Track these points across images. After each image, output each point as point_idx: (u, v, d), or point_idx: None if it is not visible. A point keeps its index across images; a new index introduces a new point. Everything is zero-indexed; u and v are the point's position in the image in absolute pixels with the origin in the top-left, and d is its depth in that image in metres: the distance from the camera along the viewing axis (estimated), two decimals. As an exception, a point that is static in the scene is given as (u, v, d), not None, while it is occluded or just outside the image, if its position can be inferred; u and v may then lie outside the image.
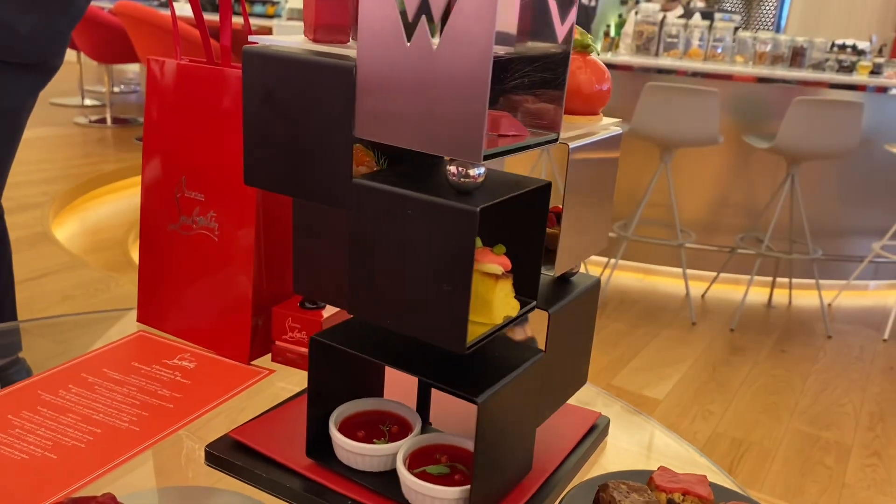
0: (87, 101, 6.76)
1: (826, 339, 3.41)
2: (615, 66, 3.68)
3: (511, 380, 0.64)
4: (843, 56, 3.79)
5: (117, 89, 7.56)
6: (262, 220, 0.86)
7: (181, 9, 4.93)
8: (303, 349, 0.85)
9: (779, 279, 3.81)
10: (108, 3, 5.82)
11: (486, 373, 0.64)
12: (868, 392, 2.95)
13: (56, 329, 1.10)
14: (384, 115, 0.58)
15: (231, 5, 0.89)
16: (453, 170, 0.57)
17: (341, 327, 0.70)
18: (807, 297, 3.82)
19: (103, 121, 6.05)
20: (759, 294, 3.80)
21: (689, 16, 4.56)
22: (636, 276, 3.98)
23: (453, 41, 0.53)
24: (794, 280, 3.82)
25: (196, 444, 0.76)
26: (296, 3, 5.26)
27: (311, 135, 0.63)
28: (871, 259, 3.74)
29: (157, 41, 4.88)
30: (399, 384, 0.78)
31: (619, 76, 3.72)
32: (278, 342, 0.87)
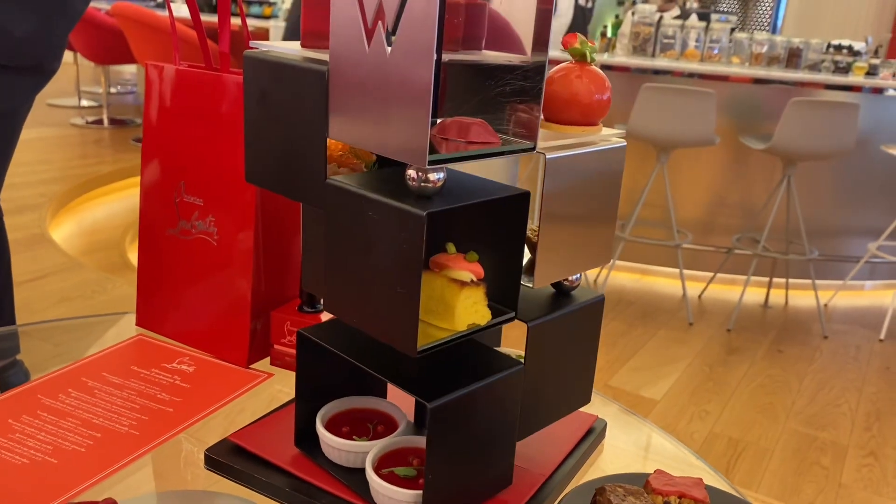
0: (84, 102, 6.75)
1: (822, 339, 3.42)
2: (612, 67, 3.69)
3: (475, 389, 0.63)
4: (839, 57, 3.80)
5: (114, 90, 7.55)
6: (260, 224, 0.87)
7: (179, 10, 4.93)
8: (301, 353, 0.85)
9: (775, 279, 3.83)
10: (105, 5, 5.81)
11: (453, 379, 0.63)
12: (864, 392, 2.96)
13: (54, 331, 1.10)
14: (351, 117, 0.61)
15: (229, 10, 0.89)
16: (412, 174, 0.58)
17: (331, 324, 0.71)
18: (803, 297, 3.83)
19: (100, 122, 6.05)
20: (755, 294, 3.81)
21: (685, 17, 4.57)
22: (633, 276, 3.98)
23: (401, 47, 0.55)
24: (791, 280, 3.83)
25: (195, 447, 0.76)
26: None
27: (295, 135, 0.67)
28: (868, 259, 3.75)
29: (154, 42, 4.88)
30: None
31: (615, 77, 3.73)
32: (277, 346, 0.87)
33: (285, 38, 4.91)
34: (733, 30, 4.07)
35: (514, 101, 0.63)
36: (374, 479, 0.65)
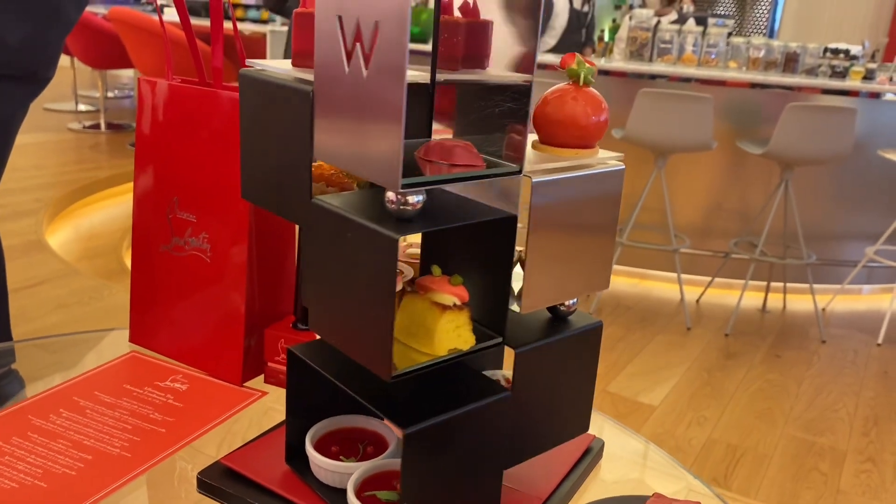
0: (81, 107, 6.74)
1: (820, 343, 3.42)
2: (609, 72, 3.69)
3: (455, 415, 0.61)
4: (836, 61, 3.80)
5: (111, 94, 7.55)
6: (254, 240, 0.86)
7: (174, 15, 4.93)
8: (295, 370, 0.85)
9: (773, 284, 3.82)
10: (102, 9, 5.81)
11: (433, 404, 0.62)
12: (862, 397, 2.96)
13: (50, 341, 1.09)
14: (333, 138, 0.61)
15: (222, 25, 0.89)
16: (390, 197, 0.58)
17: (321, 343, 0.70)
18: (801, 301, 3.83)
19: (97, 126, 6.04)
20: (753, 299, 3.81)
21: (682, 21, 4.57)
22: (631, 280, 3.98)
23: (376, 68, 0.55)
24: (789, 285, 3.83)
25: (189, 465, 0.75)
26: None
27: (283, 153, 0.67)
28: (865, 264, 3.75)
29: (150, 47, 4.87)
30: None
31: (613, 82, 3.73)
32: (271, 363, 0.86)
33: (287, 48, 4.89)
34: (730, 34, 4.07)
35: (502, 123, 0.62)
36: (351, 501, 0.64)
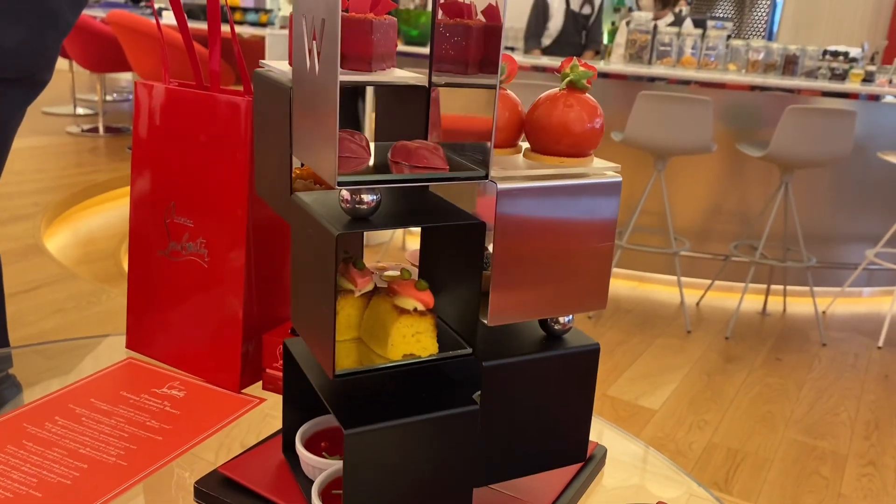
0: (80, 110, 6.74)
1: (821, 346, 3.41)
2: (608, 75, 3.69)
3: (406, 423, 0.60)
4: (835, 64, 3.80)
5: (110, 98, 7.54)
6: (252, 246, 0.85)
7: (172, 18, 4.93)
8: (294, 377, 0.84)
9: (773, 287, 3.81)
10: (100, 13, 5.80)
11: (387, 408, 0.61)
12: (863, 400, 2.95)
13: (46, 346, 1.09)
14: (302, 134, 0.62)
15: (219, 29, 0.88)
16: (345, 195, 0.58)
17: None
18: (801, 304, 3.82)
19: (96, 130, 6.03)
20: (753, 302, 3.80)
21: (679, 23, 4.56)
22: (631, 284, 3.97)
23: (321, 64, 0.55)
24: (789, 287, 3.82)
25: (186, 473, 0.74)
26: (289, 11, 5.25)
27: (274, 149, 0.69)
28: (865, 266, 3.74)
29: (149, 51, 4.86)
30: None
31: (612, 85, 3.73)
32: (269, 370, 0.86)
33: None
34: (730, 37, 4.06)
35: (470, 126, 0.62)
36: (314, 501, 0.64)
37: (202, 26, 4.45)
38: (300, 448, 0.68)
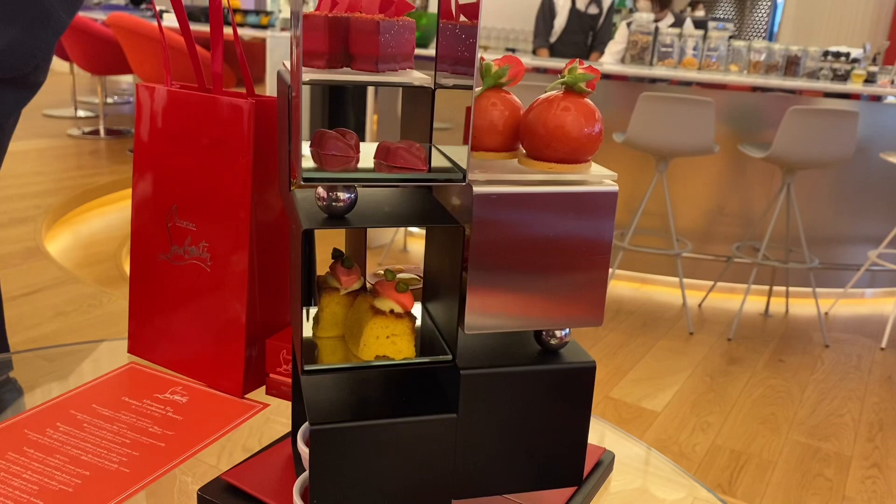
0: (81, 113, 6.73)
1: (824, 348, 3.40)
2: (609, 76, 3.68)
3: (373, 424, 0.59)
4: (837, 64, 3.79)
5: (111, 100, 7.53)
6: (255, 249, 0.84)
7: (174, 20, 4.92)
8: (297, 382, 0.83)
9: (775, 288, 3.81)
10: (101, 15, 5.80)
11: (360, 407, 0.60)
12: (867, 402, 2.94)
13: (47, 351, 1.08)
14: (292, 133, 0.64)
15: (222, 30, 0.87)
16: (320, 193, 0.58)
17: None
18: (804, 305, 3.81)
19: (97, 132, 6.02)
20: (755, 303, 3.79)
21: (679, 24, 4.55)
22: (633, 285, 3.96)
23: (294, 61, 0.57)
24: (791, 289, 3.81)
25: (189, 478, 0.74)
26: (289, 13, 5.22)
27: (282, 147, 0.70)
28: (868, 267, 3.73)
29: (149, 53, 4.86)
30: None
31: (613, 86, 3.72)
32: (272, 375, 0.85)
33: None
34: (731, 37, 4.06)
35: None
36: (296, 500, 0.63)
37: (203, 28, 4.45)
38: (301, 445, 0.67)
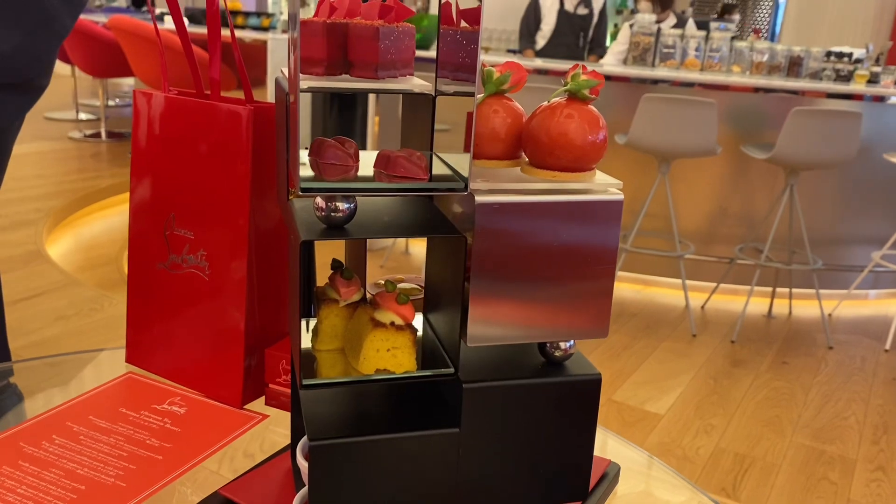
0: (82, 116, 6.73)
1: (827, 349, 3.39)
2: (611, 77, 3.67)
3: (373, 440, 0.58)
4: (840, 65, 3.77)
5: (112, 103, 7.53)
6: (254, 258, 0.83)
7: (169, 21, 4.92)
8: (297, 392, 0.82)
9: (778, 289, 3.79)
10: (102, 18, 5.80)
11: (360, 422, 0.59)
12: (871, 404, 2.92)
13: (48, 350, 1.07)
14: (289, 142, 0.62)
15: (220, 35, 0.86)
16: (319, 203, 0.57)
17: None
18: (807, 307, 3.79)
19: (98, 135, 6.02)
20: (759, 305, 3.77)
21: (681, 24, 4.54)
22: (635, 287, 3.95)
23: (292, 68, 0.56)
24: (794, 290, 3.80)
25: (189, 489, 0.73)
26: (290, 15, 5.21)
27: (280, 155, 0.69)
28: (871, 268, 3.71)
29: (151, 56, 4.85)
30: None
31: (615, 87, 3.71)
32: (272, 385, 0.84)
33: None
34: (734, 38, 4.04)
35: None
36: None
37: (204, 31, 4.44)
38: (300, 459, 0.66)
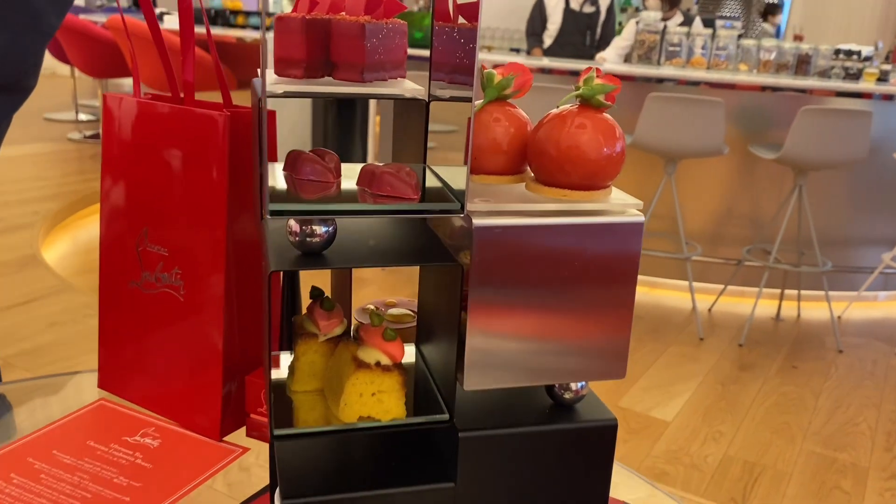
0: (82, 116, 6.67)
1: (837, 353, 3.32)
2: (616, 76, 3.60)
3: (356, 497, 0.51)
4: (849, 63, 3.70)
5: (111, 103, 7.47)
6: (233, 276, 0.77)
7: (173, 23, 4.86)
8: (280, 421, 0.75)
9: (787, 291, 3.72)
10: (101, 18, 5.75)
11: (340, 476, 0.52)
12: (883, 410, 2.85)
13: (34, 363, 1.01)
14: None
15: (193, 32, 0.80)
16: (292, 227, 0.50)
17: None
18: (816, 309, 3.72)
19: (98, 136, 5.97)
20: (767, 307, 3.70)
21: (688, 23, 4.47)
22: (641, 289, 3.88)
23: (262, 71, 0.52)
24: (803, 292, 3.73)
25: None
26: (290, 14, 5.15)
27: (258, 168, 0.62)
28: (882, 270, 3.65)
29: (149, 56, 4.80)
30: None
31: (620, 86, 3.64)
32: (253, 415, 0.77)
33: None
34: (740, 36, 3.97)
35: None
36: None
37: (200, 30, 4.37)
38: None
